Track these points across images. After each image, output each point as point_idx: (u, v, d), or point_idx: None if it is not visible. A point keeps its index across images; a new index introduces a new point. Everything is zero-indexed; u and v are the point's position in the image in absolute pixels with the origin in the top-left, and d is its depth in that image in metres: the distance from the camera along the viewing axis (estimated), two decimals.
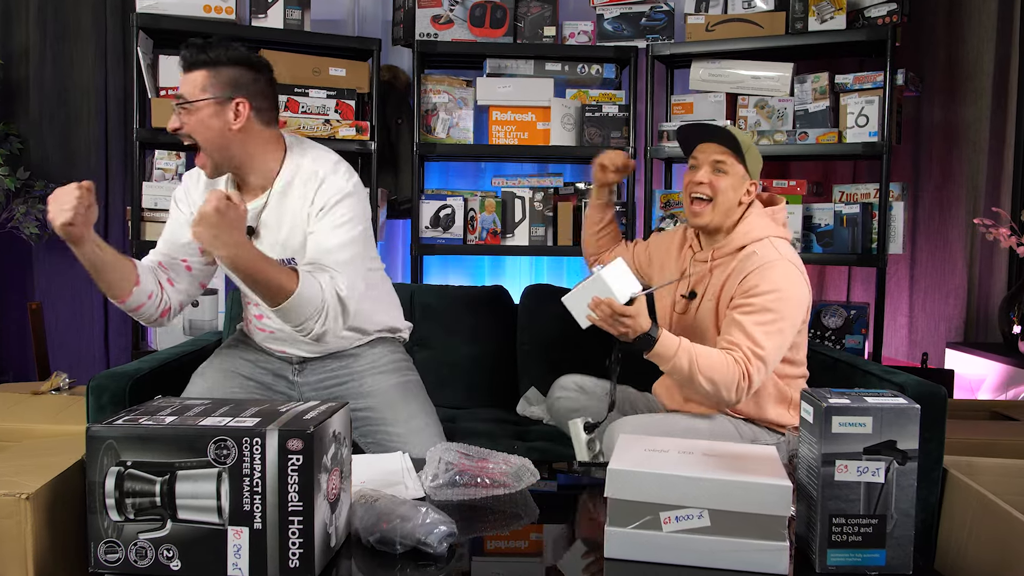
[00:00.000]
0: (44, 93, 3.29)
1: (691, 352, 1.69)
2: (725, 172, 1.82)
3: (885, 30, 2.70)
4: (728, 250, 1.84)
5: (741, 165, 1.82)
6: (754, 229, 1.83)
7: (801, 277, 1.77)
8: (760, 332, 1.70)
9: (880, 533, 1.14)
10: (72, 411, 2.27)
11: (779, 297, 1.71)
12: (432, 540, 1.18)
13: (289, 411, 1.19)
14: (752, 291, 1.73)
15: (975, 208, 3.29)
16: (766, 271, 1.74)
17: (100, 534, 1.12)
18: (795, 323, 1.75)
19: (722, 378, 1.68)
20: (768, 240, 1.81)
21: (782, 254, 1.77)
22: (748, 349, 1.69)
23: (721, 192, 1.81)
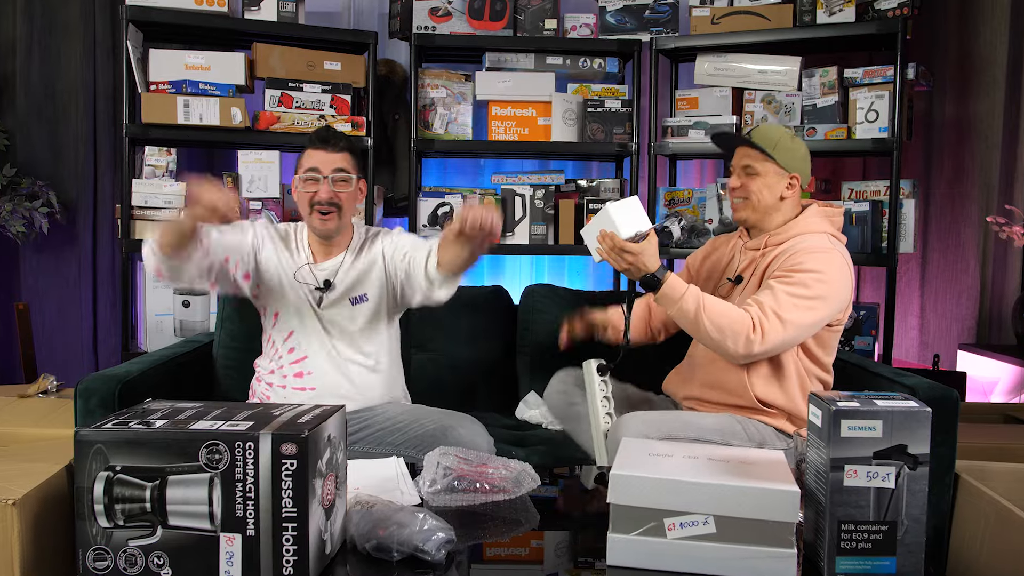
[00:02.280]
0: (31, 88, 3.29)
1: (700, 297, 1.74)
2: (755, 174, 1.91)
3: (896, 23, 2.70)
4: (784, 236, 1.89)
5: (772, 163, 1.89)
6: (813, 223, 1.89)
7: (848, 273, 1.81)
8: (788, 300, 1.73)
9: (890, 540, 1.14)
10: (60, 414, 2.27)
11: (820, 279, 1.75)
12: (430, 547, 1.18)
13: (283, 415, 1.19)
14: (795, 266, 1.77)
15: (988, 206, 3.29)
16: (815, 254, 1.78)
17: (88, 541, 1.12)
18: (829, 311, 1.78)
19: (730, 325, 1.71)
20: (826, 235, 1.87)
21: (836, 248, 1.83)
22: (769, 308, 1.72)
23: (754, 192, 1.91)
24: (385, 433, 1.91)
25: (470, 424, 1.89)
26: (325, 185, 1.91)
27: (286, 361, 1.98)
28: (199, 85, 2.67)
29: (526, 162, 3.39)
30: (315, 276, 1.99)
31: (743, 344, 1.72)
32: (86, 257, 3.34)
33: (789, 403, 1.85)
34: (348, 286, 1.99)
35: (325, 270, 2.00)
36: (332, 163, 1.93)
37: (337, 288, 1.98)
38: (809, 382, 1.87)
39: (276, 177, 2.77)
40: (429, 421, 1.90)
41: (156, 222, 2.70)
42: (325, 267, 2.00)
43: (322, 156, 1.93)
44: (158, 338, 2.75)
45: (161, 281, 1.93)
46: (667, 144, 2.97)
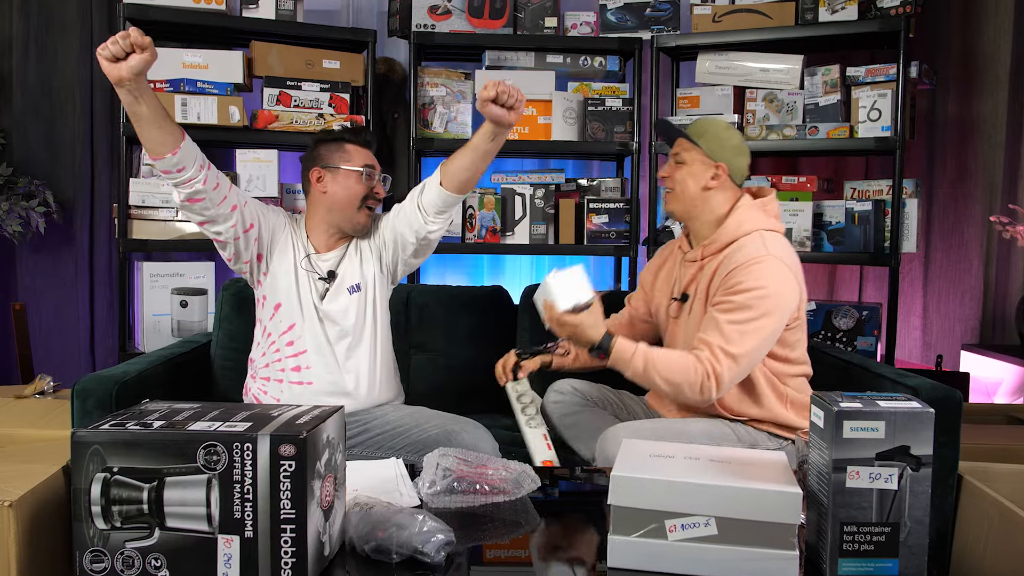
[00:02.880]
0: (28, 86, 3.30)
1: (647, 355, 1.74)
2: (681, 162, 1.91)
3: (898, 21, 2.70)
4: (717, 246, 1.86)
5: (698, 151, 1.88)
6: (744, 223, 1.84)
7: (789, 273, 1.77)
8: (735, 331, 1.71)
9: (893, 542, 1.14)
10: (57, 415, 2.27)
11: (762, 295, 1.72)
12: (429, 549, 1.18)
13: (281, 416, 1.19)
14: (734, 288, 1.75)
15: (991, 205, 3.29)
16: (751, 267, 1.74)
17: (86, 543, 1.12)
18: (779, 321, 1.75)
19: (682, 378, 1.71)
20: (758, 234, 1.82)
21: (770, 250, 1.77)
22: (718, 348, 1.71)
23: (678, 182, 1.90)
24: (386, 437, 1.91)
25: (474, 429, 1.90)
26: (380, 182, 2.02)
27: (284, 355, 1.97)
28: (197, 84, 2.67)
29: (526, 161, 3.39)
30: (318, 267, 2.00)
31: (699, 393, 1.72)
32: (83, 257, 3.34)
33: (767, 412, 1.84)
34: (345, 275, 2.01)
35: (328, 260, 2.01)
36: (376, 162, 2.03)
37: (338, 277, 2.00)
38: (783, 384, 1.85)
39: (275, 176, 2.77)
40: (431, 425, 1.90)
41: (152, 221, 2.70)
42: (328, 258, 2.01)
43: (369, 155, 2.02)
44: (155, 338, 2.75)
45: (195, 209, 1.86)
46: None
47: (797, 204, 2.82)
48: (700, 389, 1.71)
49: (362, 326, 2.01)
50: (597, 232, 2.94)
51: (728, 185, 1.89)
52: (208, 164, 1.84)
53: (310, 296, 1.97)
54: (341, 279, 2.00)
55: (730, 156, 1.89)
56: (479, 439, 1.87)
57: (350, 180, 1.98)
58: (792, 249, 1.85)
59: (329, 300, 1.98)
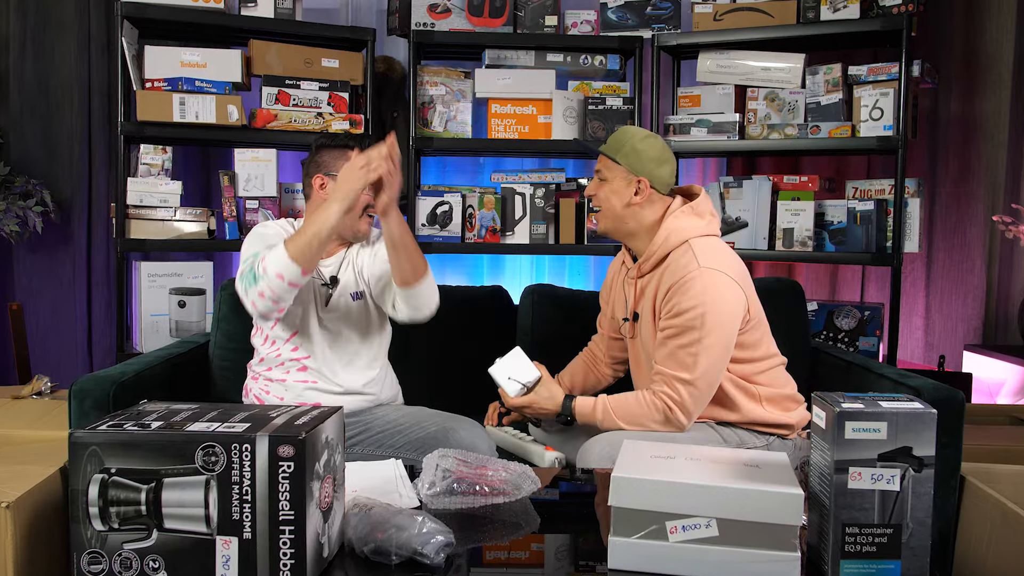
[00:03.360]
0: (25, 85, 3.30)
1: (608, 408, 1.78)
2: (604, 179, 1.89)
3: (900, 19, 2.70)
4: (651, 263, 1.85)
5: (619, 168, 1.86)
6: (672, 233, 1.82)
7: (723, 280, 1.74)
8: (685, 355, 1.72)
9: (895, 543, 1.14)
10: (54, 416, 2.27)
11: (701, 312, 1.71)
12: (429, 550, 1.18)
13: (280, 416, 1.19)
14: (673, 310, 1.75)
15: (994, 205, 3.29)
16: (684, 286, 1.74)
17: (83, 544, 1.12)
18: (727, 333, 1.74)
19: (647, 418, 1.75)
20: (686, 245, 1.80)
21: (699, 261, 1.75)
22: (672, 377, 1.73)
23: (602, 200, 1.89)
24: (385, 436, 1.92)
25: (471, 427, 1.91)
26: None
27: (287, 357, 1.98)
28: (195, 82, 2.67)
29: (526, 160, 3.39)
30: (320, 273, 2.00)
31: (669, 425, 1.76)
32: (80, 256, 3.34)
33: (744, 416, 1.84)
34: (347, 282, 2.01)
35: (329, 267, 2.02)
36: None
37: (340, 283, 2.01)
38: (753, 384, 1.84)
39: (273, 176, 2.77)
40: (430, 423, 1.92)
41: (150, 221, 2.70)
42: (329, 263, 2.02)
43: None
44: (153, 339, 2.75)
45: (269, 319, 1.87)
46: (669, 142, 2.96)
47: (799, 204, 2.82)
48: (667, 421, 1.75)
49: (365, 331, 2.02)
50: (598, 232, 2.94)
51: (654, 197, 1.86)
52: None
53: (313, 303, 1.97)
54: (344, 285, 2.01)
55: (651, 168, 1.84)
56: (475, 436, 1.89)
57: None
58: (726, 249, 1.83)
59: (333, 307, 1.98)
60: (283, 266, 1.72)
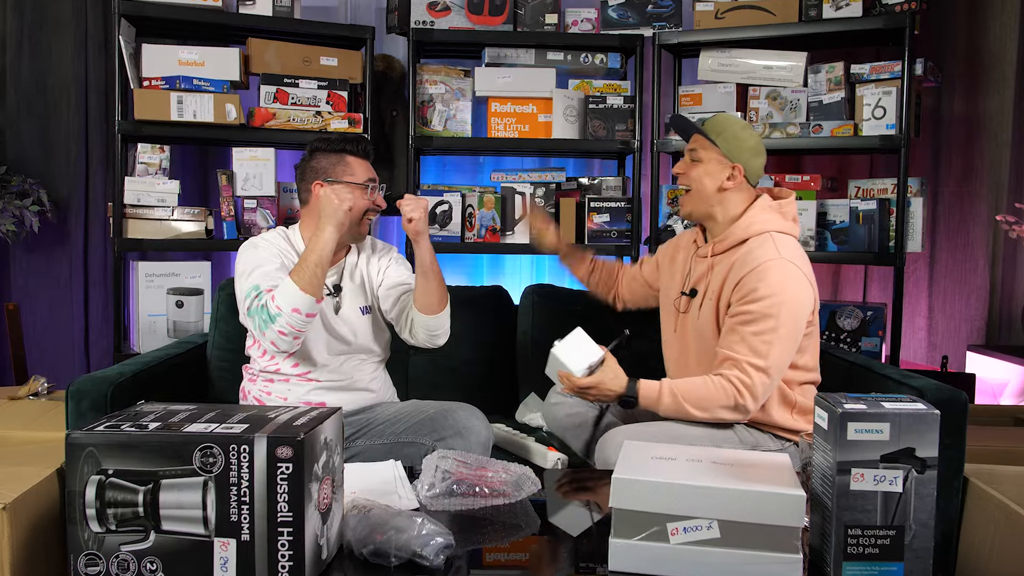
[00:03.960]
0: (22, 84, 3.29)
1: (674, 392, 1.75)
2: (698, 160, 1.89)
3: (903, 17, 2.70)
4: (727, 244, 1.85)
5: (715, 150, 1.87)
6: (755, 223, 1.84)
7: (802, 277, 1.76)
8: (760, 342, 1.71)
9: (898, 545, 1.14)
10: (51, 417, 2.27)
11: (778, 301, 1.71)
12: (428, 552, 1.18)
13: (278, 417, 1.19)
14: (749, 296, 1.74)
15: (997, 204, 3.29)
16: (763, 272, 1.74)
17: (80, 546, 1.12)
18: (797, 326, 1.75)
19: (715, 403, 1.73)
20: (769, 235, 1.81)
21: (781, 253, 1.77)
22: (747, 364, 1.71)
23: (694, 180, 1.89)
24: (387, 425, 1.95)
25: (469, 410, 1.93)
26: (379, 194, 2.03)
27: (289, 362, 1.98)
28: (193, 81, 2.67)
29: (526, 159, 3.39)
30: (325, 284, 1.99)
31: (736, 411, 1.74)
32: (77, 256, 3.34)
33: (771, 417, 1.83)
34: (354, 293, 2.04)
35: (332, 275, 2.03)
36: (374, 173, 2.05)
37: (346, 291, 2.03)
38: (791, 390, 1.84)
39: (271, 175, 2.77)
40: (430, 408, 1.96)
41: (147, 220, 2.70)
42: (331, 272, 2.03)
43: (369, 167, 2.04)
44: (151, 339, 2.75)
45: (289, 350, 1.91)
46: (670, 141, 2.96)
47: (801, 203, 2.82)
48: (735, 407, 1.72)
49: (370, 342, 2.05)
50: (598, 231, 2.94)
51: (744, 186, 1.89)
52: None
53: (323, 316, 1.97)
54: (351, 297, 2.03)
55: (747, 157, 1.87)
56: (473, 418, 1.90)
57: (359, 194, 1.97)
58: (804, 253, 1.85)
59: (341, 321, 2.00)
60: (297, 299, 1.77)
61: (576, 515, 1.54)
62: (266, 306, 1.79)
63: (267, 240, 2.02)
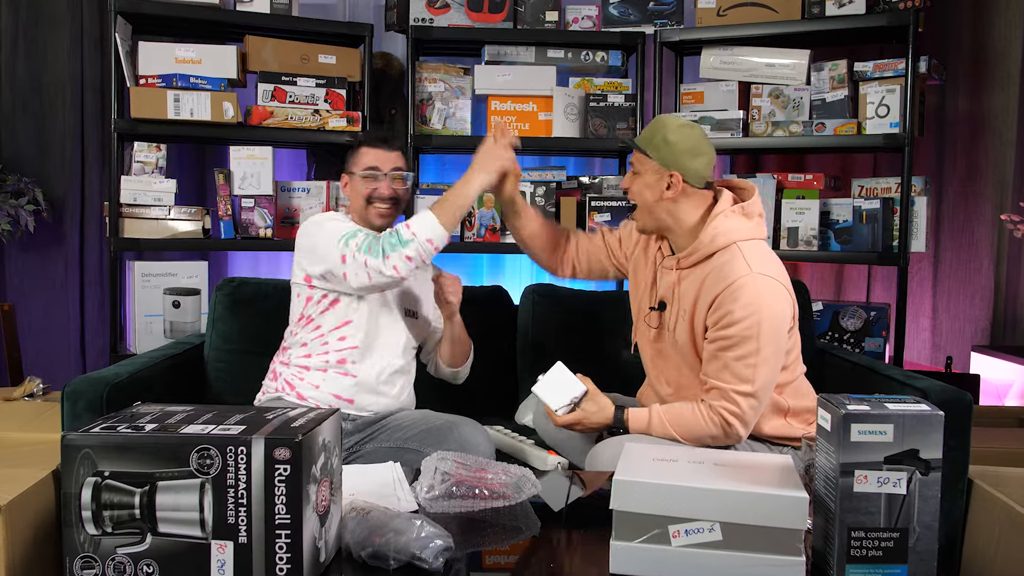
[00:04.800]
0: (17, 81, 3.29)
1: (662, 420, 1.75)
2: (637, 172, 1.84)
3: (907, 15, 2.70)
4: (693, 260, 1.79)
5: (651, 159, 1.80)
6: (720, 234, 1.76)
7: (777, 287, 1.71)
8: (743, 367, 1.68)
9: (901, 548, 1.14)
10: (46, 418, 2.27)
11: (756, 321, 1.67)
12: (427, 555, 1.18)
13: (276, 418, 1.19)
14: (725, 320, 1.69)
15: (1002, 203, 3.29)
16: (736, 292, 1.69)
17: (76, 548, 1.12)
18: (780, 341, 1.71)
19: (704, 432, 1.71)
20: (735, 247, 1.75)
21: (752, 267, 1.70)
22: (734, 392, 1.69)
23: (635, 194, 1.85)
24: (394, 430, 1.97)
25: (472, 426, 1.94)
26: (385, 182, 2.03)
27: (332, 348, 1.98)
28: (190, 79, 2.67)
29: (526, 158, 3.39)
30: None
31: (727, 439, 1.72)
32: (73, 256, 3.34)
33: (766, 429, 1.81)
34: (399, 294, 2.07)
35: None
36: (390, 161, 2.05)
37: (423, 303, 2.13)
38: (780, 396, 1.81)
39: (269, 174, 2.77)
40: (436, 419, 1.97)
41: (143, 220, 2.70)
42: None
43: (381, 154, 2.05)
44: (147, 339, 2.75)
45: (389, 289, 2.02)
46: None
47: (803, 202, 2.82)
48: (726, 435, 1.71)
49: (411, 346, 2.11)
50: None
51: (689, 191, 1.79)
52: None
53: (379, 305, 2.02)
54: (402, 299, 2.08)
55: (684, 161, 1.77)
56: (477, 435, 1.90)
57: (358, 182, 2.05)
58: (773, 255, 1.79)
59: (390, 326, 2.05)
60: (434, 232, 1.83)
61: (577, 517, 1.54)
62: (398, 232, 1.83)
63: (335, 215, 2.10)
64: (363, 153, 2.07)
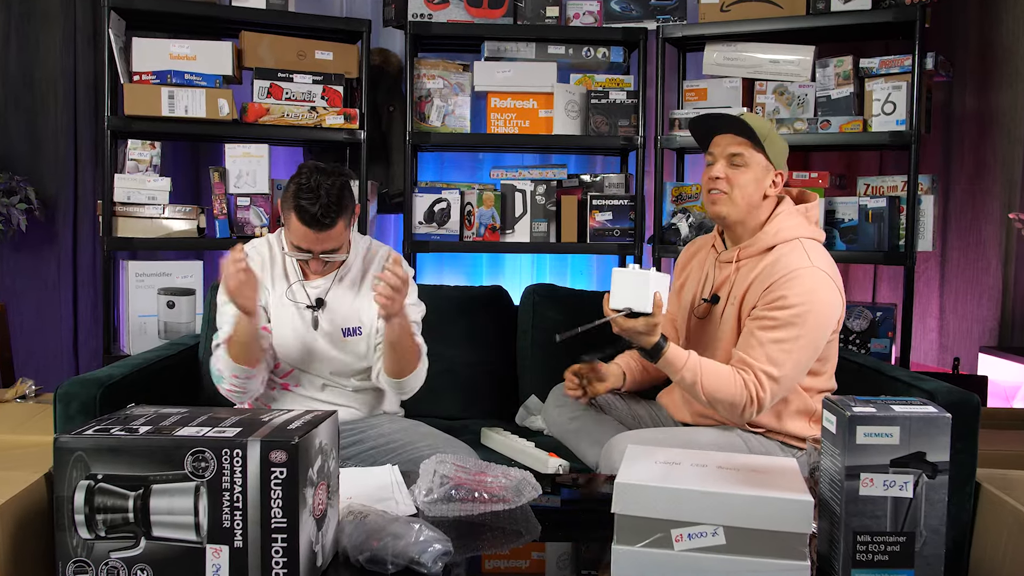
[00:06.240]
0: (8, 78, 3.29)
1: (697, 369, 1.73)
2: (743, 165, 1.82)
3: (914, 10, 2.70)
4: (755, 250, 1.84)
5: (761, 154, 1.83)
6: (784, 229, 1.82)
7: (832, 285, 1.76)
8: (778, 351, 1.70)
9: (908, 552, 1.14)
10: (38, 420, 2.27)
11: (805, 311, 1.71)
12: (426, 559, 1.18)
13: (272, 420, 1.19)
14: (776, 303, 1.73)
15: (1010, 202, 3.29)
16: (793, 280, 1.73)
17: (69, 553, 1.12)
18: (821, 337, 1.75)
19: (726, 399, 1.72)
20: (799, 242, 1.80)
21: (812, 260, 1.76)
22: (762, 372, 1.71)
23: (739, 186, 1.82)
24: (379, 452, 1.91)
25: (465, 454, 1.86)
26: (316, 261, 1.86)
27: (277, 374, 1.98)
28: (184, 75, 2.67)
29: (527, 156, 3.39)
30: (306, 294, 1.96)
31: (739, 416, 1.74)
32: (66, 256, 3.34)
33: (784, 425, 1.83)
34: (342, 313, 1.95)
35: (317, 287, 1.97)
36: (321, 243, 1.83)
37: (329, 307, 1.95)
38: (811, 398, 1.83)
39: (265, 172, 2.77)
40: (424, 444, 1.89)
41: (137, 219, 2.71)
42: (317, 284, 1.97)
43: (311, 235, 1.81)
44: (141, 340, 2.75)
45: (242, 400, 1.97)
46: (674, 137, 2.97)
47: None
48: (741, 412, 1.73)
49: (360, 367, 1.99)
50: (600, 230, 2.94)
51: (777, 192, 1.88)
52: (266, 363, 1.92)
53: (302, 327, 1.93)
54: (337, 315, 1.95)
55: (782, 162, 1.87)
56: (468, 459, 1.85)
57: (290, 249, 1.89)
58: (832, 260, 1.84)
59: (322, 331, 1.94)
60: (232, 368, 1.84)
61: (578, 521, 1.54)
62: (215, 362, 1.86)
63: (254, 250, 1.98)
64: (293, 223, 1.80)
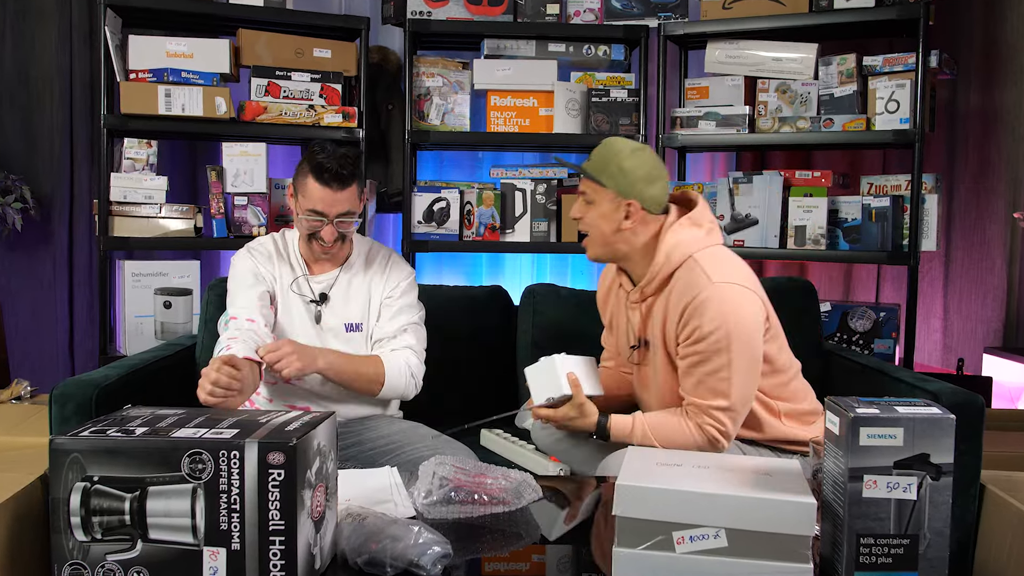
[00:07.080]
0: (4, 76, 3.29)
1: (645, 432, 1.73)
2: (591, 202, 1.79)
3: (918, 8, 2.70)
4: (655, 287, 1.78)
5: (605, 189, 1.76)
6: (673, 252, 1.74)
7: (739, 293, 1.69)
8: (717, 381, 1.68)
9: (912, 554, 1.14)
10: (34, 422, 2.27)
11: (724, 334, 1.65)
12: (425, 562, 1.18)
13: (270, 422, 1.19)
14: (693, 336, 1.68)
15: (1015, 201, 3.29)
16: (700, 307, 1.67)
17: (65, 555, 1.12)
18: (753, 350, 1.70)
19: (685, 444, 1.70)
20: (691, 261, 1.73)
21: (711, 276, 1.69)
22: (712, 408, 1.69)
23: (589, 225, 1.80)
24: (377, 454, 1.91)
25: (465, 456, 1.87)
26: (330, 228, 1.90)
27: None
28: (181, 73, 2.67)
29: (527, 155, 3.39)
30: (311, 288, 1.99)
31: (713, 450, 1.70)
32: (62, 255, 3.34)
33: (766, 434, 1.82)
34: (344, 309, 2.00)
35: (321, 283, 2.01)
36: (339, 204, 1.88)
37: (332, 302, 2.00)
38: (775, 400, 1.81)
39: (263, 171, 2.77)
40: (423, 446, 1.90)
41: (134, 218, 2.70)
42: (321, 279, 2.02)
43: (329, 196, 1.86)
44: (138, 341, 2.75)
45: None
46: (676, 136, 2.97)
47: (811, 200, 2.82)
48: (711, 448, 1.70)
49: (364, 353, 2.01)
50: None
51: (648, 218, 1.77)
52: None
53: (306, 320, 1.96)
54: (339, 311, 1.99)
55: (641, 188, 1.74)
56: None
57: (303, 218, 1.92)
58: (733, 257, 1.77)
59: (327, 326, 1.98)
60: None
61: (579, 524, 1.54)
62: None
63: (254, 252, 2.01)
64: (310, 186, 1.87)
